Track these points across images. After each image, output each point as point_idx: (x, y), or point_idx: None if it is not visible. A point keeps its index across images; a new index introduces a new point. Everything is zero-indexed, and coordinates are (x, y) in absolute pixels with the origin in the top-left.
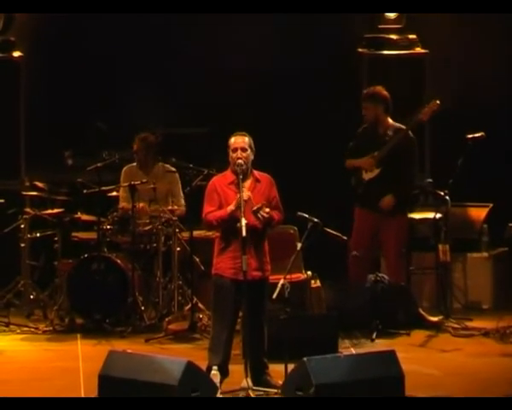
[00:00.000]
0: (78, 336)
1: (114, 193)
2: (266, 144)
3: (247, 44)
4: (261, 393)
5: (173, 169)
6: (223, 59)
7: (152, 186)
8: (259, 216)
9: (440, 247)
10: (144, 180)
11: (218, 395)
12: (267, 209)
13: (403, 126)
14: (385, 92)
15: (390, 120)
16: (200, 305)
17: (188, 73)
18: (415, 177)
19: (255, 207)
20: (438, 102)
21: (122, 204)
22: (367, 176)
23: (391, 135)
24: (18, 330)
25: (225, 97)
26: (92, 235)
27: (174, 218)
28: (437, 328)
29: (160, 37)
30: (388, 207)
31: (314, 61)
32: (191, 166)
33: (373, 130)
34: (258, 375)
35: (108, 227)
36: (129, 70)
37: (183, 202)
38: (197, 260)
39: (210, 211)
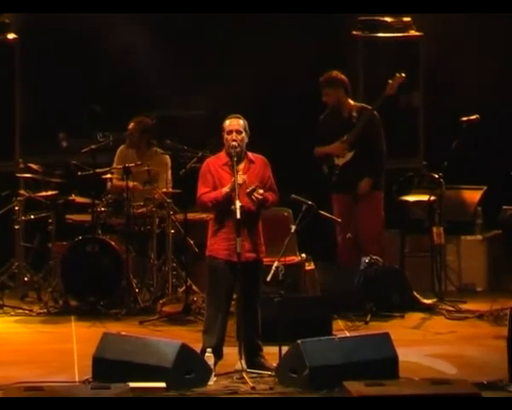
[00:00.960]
0: (73, 318)
1: (109, 175)
2: (261, 126)
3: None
4: (255, 375)
5: (164, 152)
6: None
7: (146, 168)
8: (253, 198)
9: (435, 229)
10: (139, 162)
11: (212, 378)
12: (261, 191)
13: (365, 105)
14: (342, 75)
15: (351, 102)
16: (194, 287)
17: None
18: (384, 153)
19: (249, 189)
20: (403, 74)
21: (114, 182)
22: (340, 161)
23: (356, 116)
24: (12, 313)
25: (223, 80)
26: (86, 217)
27: (168, 200)
28: (431, 311)
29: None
30: (367, 191)
31: (309, 43)
32: (186, 148)
33: (337, 114)
34: (253, 357)
35: (103, 209)
36: (124, 51)
37: (169, 186)
38: (191, 242)
39: (204, 192)
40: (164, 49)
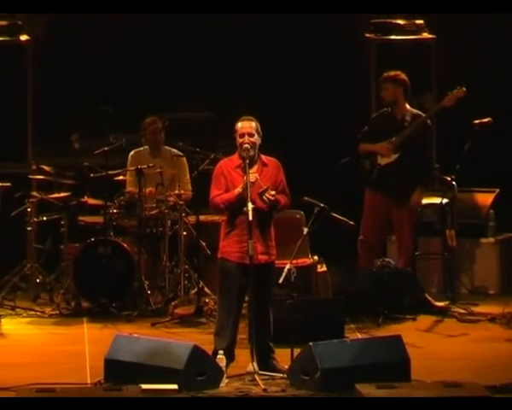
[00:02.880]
0: (85, 319)
1: (121, 177)
2: (273, 129)
3: (252, 28)
4: (267, 377)
5: (181, 154)
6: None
7: (159, 170)
8: (265, 198)
9: (447, 232)
10: (151, 164)
11: (224, 380)
12: (272, 192)
13: (420, 113)
14: (405, 76)
15: (408, 106)
16: (206, 289)
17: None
18: (433, 163)
19: (261, 190)
20: (464, 89)
21: (129, 189)
22: (383, 161)
23: (409, 120)
24: (24, 314)
25: (233, 82)
26: (99, 219)
27: (180, 202)
28: (443, 313)
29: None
30: (419, 204)
31: (322, 46)
32: (198, 150)
33: (390, 114)
34: (264, 359)
35: (115, 211)
36: (137, 53)
37: (189, 186)
38: (203, 244)
39: (217, 194)
40: (176, 50)
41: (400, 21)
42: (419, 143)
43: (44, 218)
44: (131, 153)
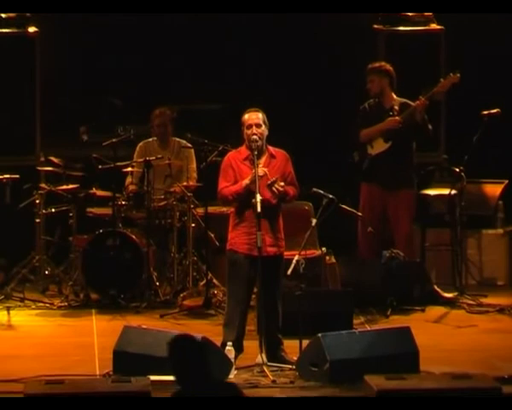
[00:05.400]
0: (93, 311)
1: (129, 168)
2: (281, 120)
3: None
4: (275, 369)
5: (189, 145)
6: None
7: (167, 162)
8: (274, 189)
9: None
10: (159, 156)
11: (233, 371)
12: (282, 183)
13: (408, 101)
14: (389, 67)
15: (394, 95)
16: (214, 281)
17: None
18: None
19: (270, 181)
20: (458, 74)
21: (131, 185)
22: (374, 151)
23: (397, 109)
24: (33, 306)
25: (242, 74)
26: (107, 210)
27: (189, 194)
28: (452, 304)
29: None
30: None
31: (330, 37)
32: (206, 141)
33: (378, 105)
34: (273, 351)
35: (123, 203)
36: (146, 44)
37: (195, 175)
38: (212, 235)
39: (225, 186)
40: (184, 42)
41: (409, 13)
42: (411, 130)
43: (53, 210)
44: (140, 144)
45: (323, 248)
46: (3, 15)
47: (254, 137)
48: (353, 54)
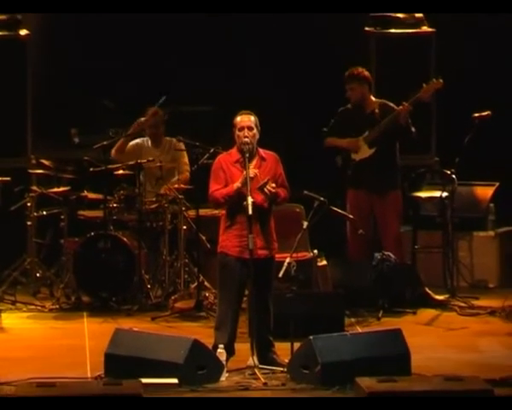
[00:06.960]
0: (85, 314)
1: (121, 171)
2: (272, 122)
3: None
4: (267, 371)
5: (182, 147)
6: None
7: (158, 164)
8: (266, 191)
9: None
10: (151, 158)
11: (224, 374)
12: (273, 185)
13: (387, 102)
14: (367, 72)
15: (373, 98)
16: (206, 283)
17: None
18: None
19: (261, 183)
20: (441, 80)
21: (115, 154)
22: (358, 156)
23: (378, 112)
24: (24, 309)
25: (231, 77)
26: (98, 213)
27: (180, 196)
28: (443, 307)
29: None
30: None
31: (321, 40)
32: (197, 144)
33: (358, 110)
34: (265, 353)
35: (115, 205)
36: (137, 47)
37: (187, 168)
38: (203, 238)
39: (216, 189)
40: (177, 44)
41: (400, 15)
42: (395, 134)
43: (44, 212)
44: (132, 142)
45: (315, 251)
46: None
47: (246, 139)
48: (345, 57)
